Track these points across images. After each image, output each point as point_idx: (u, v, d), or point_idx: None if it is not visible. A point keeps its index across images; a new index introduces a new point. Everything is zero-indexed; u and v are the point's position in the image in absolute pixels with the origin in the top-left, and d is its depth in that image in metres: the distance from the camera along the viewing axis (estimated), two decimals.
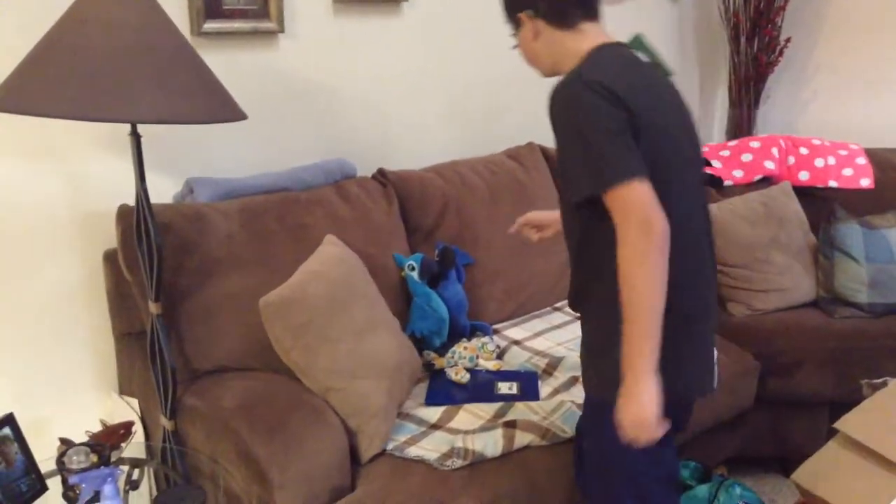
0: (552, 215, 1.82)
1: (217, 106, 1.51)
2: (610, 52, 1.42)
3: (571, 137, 1.33)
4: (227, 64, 2.10)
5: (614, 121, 1.30)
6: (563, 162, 1.37)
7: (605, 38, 1.46)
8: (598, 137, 1.29)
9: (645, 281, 1.27)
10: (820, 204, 2.73)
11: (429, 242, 2.30)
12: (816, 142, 2.90)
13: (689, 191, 1.43)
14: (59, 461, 1.59)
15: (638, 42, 1.79)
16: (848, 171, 2.83)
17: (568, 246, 1.55)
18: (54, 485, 1.61)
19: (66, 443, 1.71)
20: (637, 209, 1.27)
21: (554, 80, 1.44)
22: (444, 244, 2.24)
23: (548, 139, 2.68)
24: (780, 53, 3.25)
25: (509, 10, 1.52)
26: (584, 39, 1.44)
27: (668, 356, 1.35)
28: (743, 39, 3.23)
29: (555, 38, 1.46)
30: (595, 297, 1.46)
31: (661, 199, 1.31)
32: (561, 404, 1.91)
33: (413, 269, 2.14)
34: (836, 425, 1.75)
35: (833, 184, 2.82)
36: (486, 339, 2.19)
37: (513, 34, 1.54)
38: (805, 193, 2.76)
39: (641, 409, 1.32)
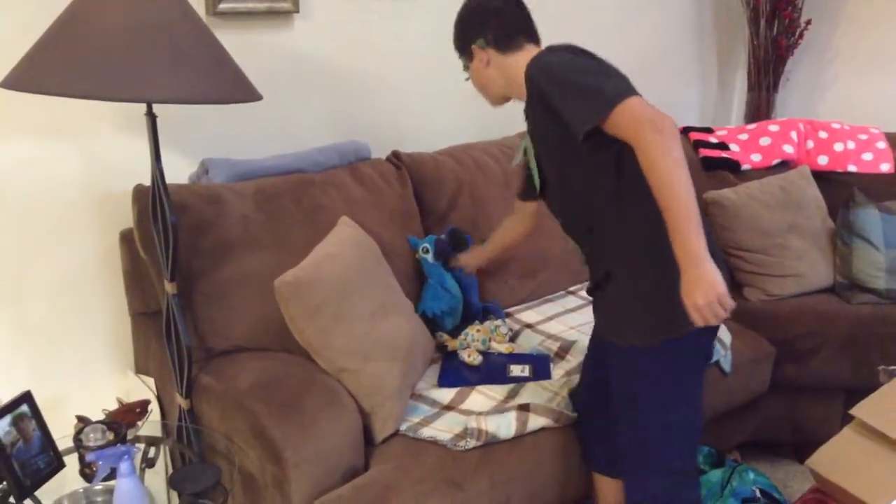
0: (479, 252, 2.11)
1: (232, 86, 1.51)
2: (554, 46, 1.56)
3: (558, 89, 1.43)
4: (242, 44, 2.10)
5: (588, 63, 1.44)
6: (559, 114, 1.44)
7: None
8: (580, 76, 1.42)
9: (673, 169, 1.31)
10: (839, 188, 2.70)
11: (442, 225, 2.29)
12: (836, 126, 2.86)
13: None
14: (77, 439, 1.61)
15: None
16: (868, 156, 2.80)
17: (571, 218, 1.64)
18: (71, 462, 1.62)
19: (82, 420, 1.73)
20: (642, 114, 1.34)
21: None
22: (452, 226, 2.24)
23: None
24: (801, 36, 3.20)
25: (461, 44, 1.68)
26: (531, 54, 1.57)
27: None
28: (762, 22, 3.18)
29: (505, 61, 1.63)
30: (618, 250, 1.54)
31: None
32: (571, 381, 1.91)
33: (427, 251, 2.14)
34: (853, 411, 1.74)
35: (852, 168, 2.79)
36: (498, 321, 2.19)
37: (465, 67, 1.70)
38: (824, 178, 2.73)
39: (711, 286, 1.31)
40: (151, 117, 1.56)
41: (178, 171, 2.05)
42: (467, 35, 1.66)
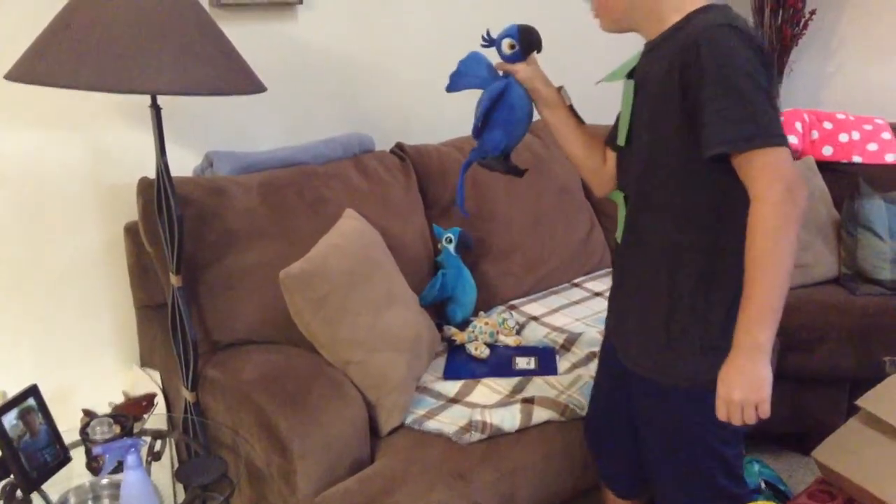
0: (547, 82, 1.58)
1: (237, 78, 1.50)
2: (730, 10, 1.29)
3: (721, 87, 1.20)
4: (246, 36, 2.09)
5: (766, 79, 1.22)
6: (696, 110, 1.24)
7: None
8: (755, 94, 1.20)
9: (785, 249, 1.18)
10: (844, 179, 2.68)
11: (447, 217, 2.29)
12: (841, 116, 2.85)
13: None
14: (83, 432, 1.61)
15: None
16: (873, 146, 2.79)
17: (646, 212, 1.40)
18: (78, 455, 1.63)
19: (89, 414, 1.74)
20: (784, 172, 1.18)
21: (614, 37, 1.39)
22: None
23: None
24: (805, 26, 3.18)
25: None
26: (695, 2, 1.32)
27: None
28: (767, 11, 3.17)
29: None
30: (685, 269, 1.34)
31: None
32: (578, 378, 1.91)
33: (450, 241, 2.16)
34: (859, 402, 1.74)
35: (857, 159, 2.77)
36: (506, 314, 2.19)
37: None
38: (829, 168, 2.72)
39: (758, 387, 1.19)
40: (156, 109, 1.56)
41: (183, 164, 2.05)
42: None
